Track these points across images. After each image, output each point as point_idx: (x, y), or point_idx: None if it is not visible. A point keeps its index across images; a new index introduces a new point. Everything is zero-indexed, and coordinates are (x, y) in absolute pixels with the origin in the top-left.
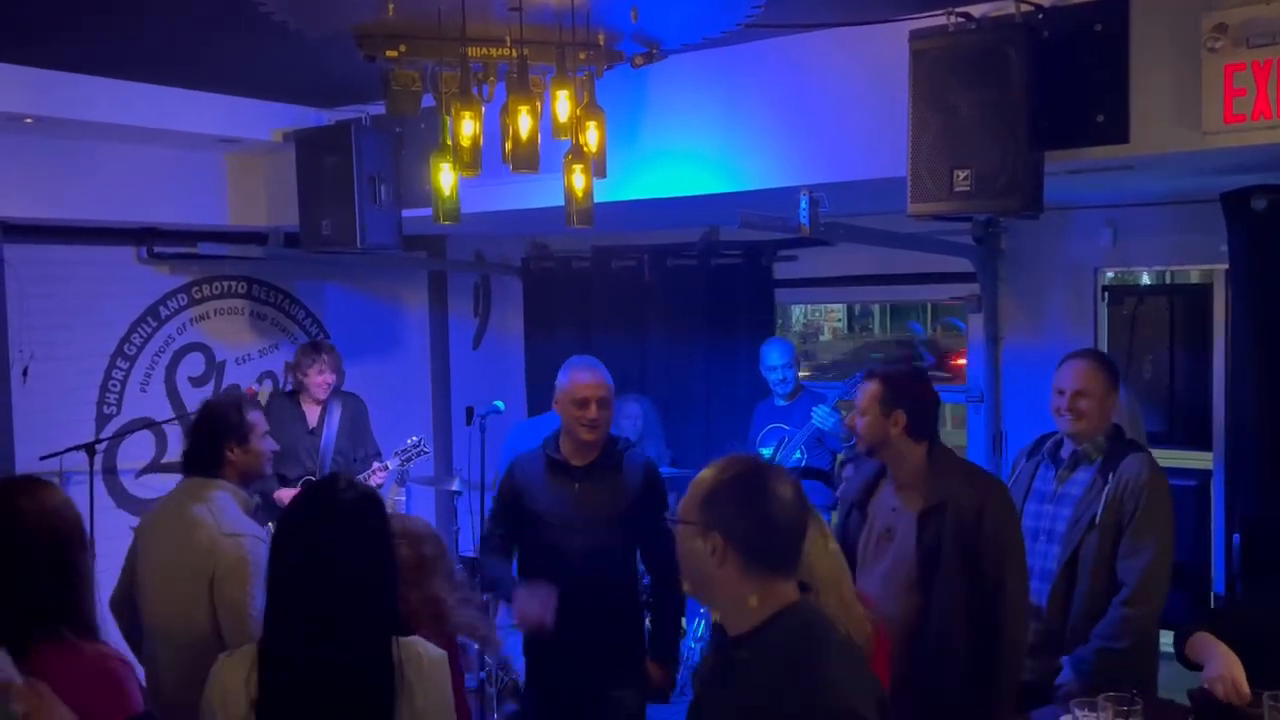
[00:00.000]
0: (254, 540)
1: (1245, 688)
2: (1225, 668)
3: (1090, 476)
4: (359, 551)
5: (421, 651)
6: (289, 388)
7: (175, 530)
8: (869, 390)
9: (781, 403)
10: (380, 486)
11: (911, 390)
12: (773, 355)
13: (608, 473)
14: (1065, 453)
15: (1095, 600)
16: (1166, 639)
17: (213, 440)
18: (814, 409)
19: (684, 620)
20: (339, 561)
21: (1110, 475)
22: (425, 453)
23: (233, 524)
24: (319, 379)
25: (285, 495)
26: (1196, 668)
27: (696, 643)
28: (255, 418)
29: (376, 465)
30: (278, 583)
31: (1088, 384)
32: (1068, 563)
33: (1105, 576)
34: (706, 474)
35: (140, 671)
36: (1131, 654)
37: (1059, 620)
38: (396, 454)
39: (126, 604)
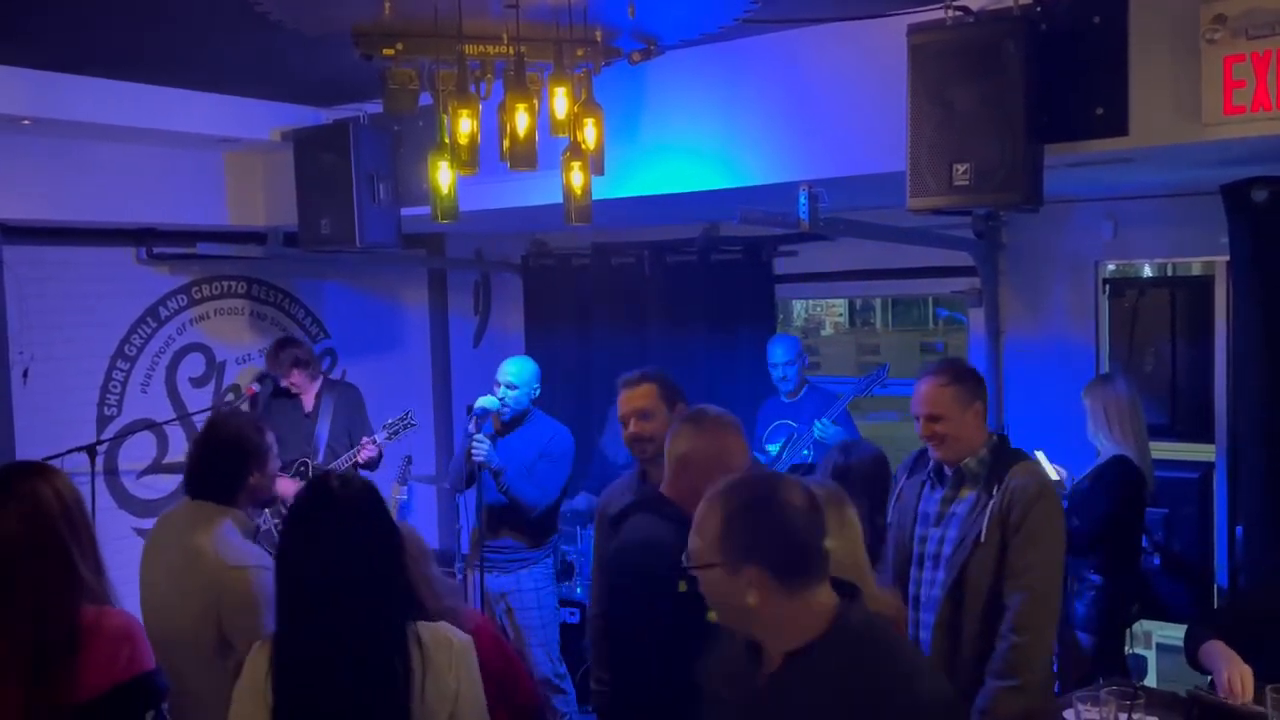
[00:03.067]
0: (258, 571)
1: (1248, 690)
2: (1231, 671)
3: (975, 494)
4: (359, 544)
5: (449, 636)
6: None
7: (178, 561)
8: (648, 390)
9: (787, 400)
10: (373, 463)
11: (677, 385)
12: (775, 352)
13: None
14: (949, 471)
15: (985, 625)
16: (1168, 631)
17: (238, 466)
18: (815, 421)
19: None
20: (341, 557)
21: (995, 489)
22: (413, 425)
23: (238, 556)
24: (286, 383)
25: (284, 485)
26: (1206, 671)
27: None
28: (272, 439)
29: (365, 440)
30: (286, 580)
31: (936, 407)
32: (954, 586)
33: (993, 599)
34: (709, 510)
35: None
36: (1031, 690)
37: (946, 648)
38: (384, 427)
39: None
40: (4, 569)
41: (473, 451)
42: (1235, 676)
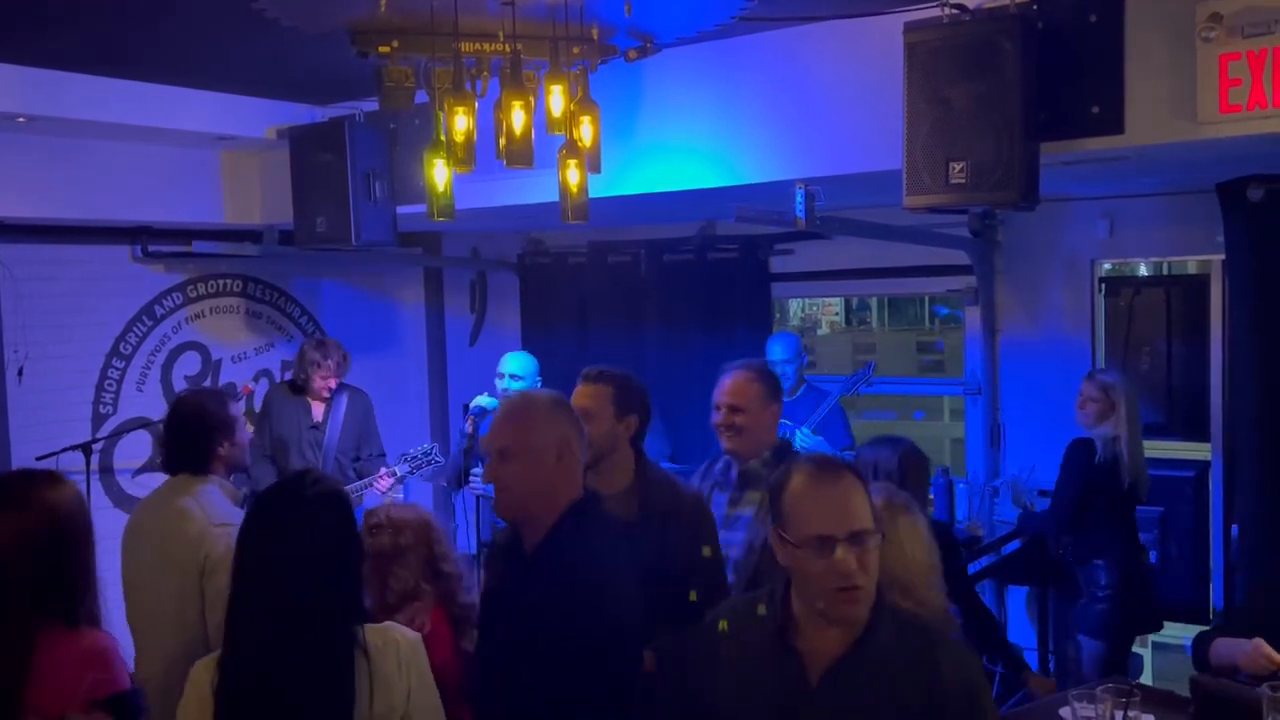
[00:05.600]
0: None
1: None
2: (1255, 647)
3: (761, 496)
4: (322, 545)
5: (397, 636)
6: (288, 377)
7: (164, 525)
8: (599, 391)
9: (786, 398)
10: (387, 491)
11: (641, 395)
12: (773, 350)
13: None
14: (734, 474)
15: None
16: (1173, 631)
17: (205, 437)
18: (795, 431)
19: None
20: (302, 555)
21: None
22: (438, 462)
23: (222, 515)
24: (322, 382)
25: None
26: (1218, 672)
27: None
28: (236, 410)
29: (384, 470)
30: (241, 575)
31: (740, 398)
32: (745, 589)
33: None
34: (854, 481)
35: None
36: None
37: None
38: (406, 459)
39: None
40: (14, 570)
41: (472, 487)
42: (1260, 647)
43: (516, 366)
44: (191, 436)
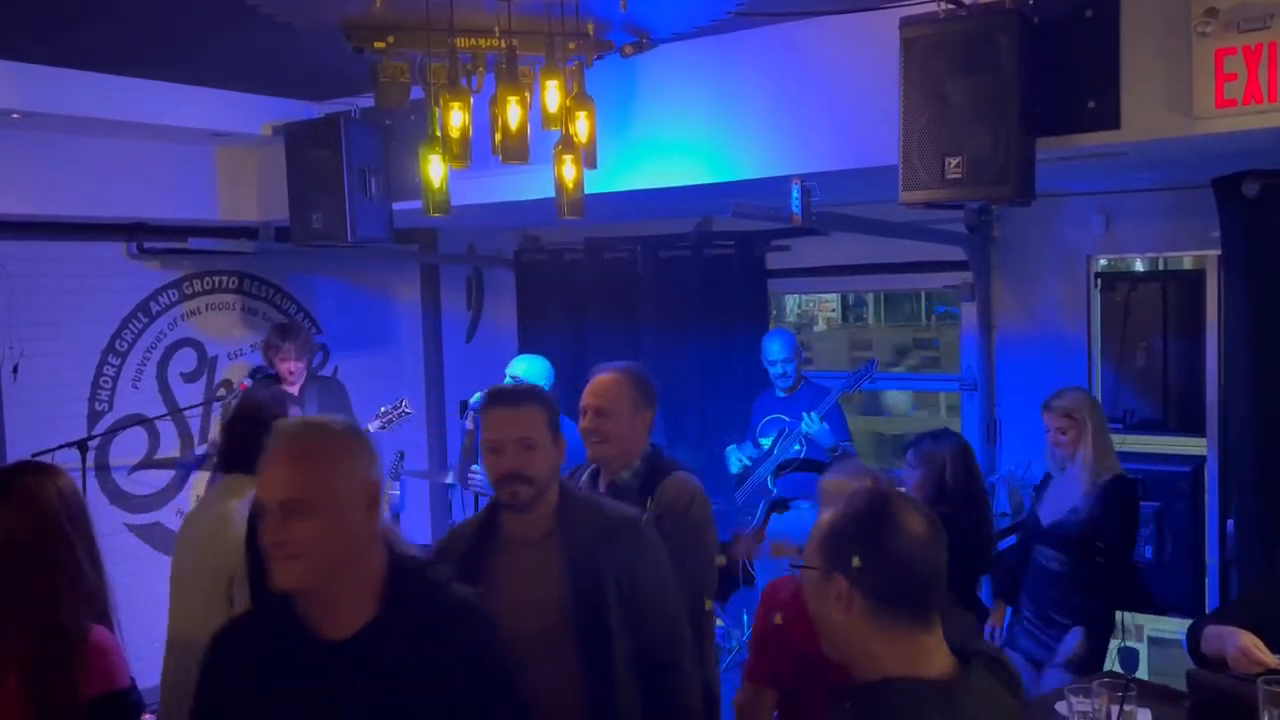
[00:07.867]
0: None
1: (1268, 655)
2: (1243, 639)
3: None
4: None
5: None
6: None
7: (207, 529)
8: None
9: (782, 394)
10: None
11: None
12: (773, 349)
13: None
14: (602, 487)
15: None
16: (1160, 624)
17: (255, 437)
18: (803, 415)
19: None
20: None
21: (650, 502)
22: (409, 413)
23: None
24: (283, 367)
25: None
26: (1212, 664)
27: None
28: (295, 412)
29: None
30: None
31: (608, 401)
32: None
33: None
34: (829, 512)
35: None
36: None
37: None
38: (378, 416)
39: None
40: (9, 565)
41: (470, 484)
42: (1249, 643)
43: (523, 371)
44: (244, 435)
